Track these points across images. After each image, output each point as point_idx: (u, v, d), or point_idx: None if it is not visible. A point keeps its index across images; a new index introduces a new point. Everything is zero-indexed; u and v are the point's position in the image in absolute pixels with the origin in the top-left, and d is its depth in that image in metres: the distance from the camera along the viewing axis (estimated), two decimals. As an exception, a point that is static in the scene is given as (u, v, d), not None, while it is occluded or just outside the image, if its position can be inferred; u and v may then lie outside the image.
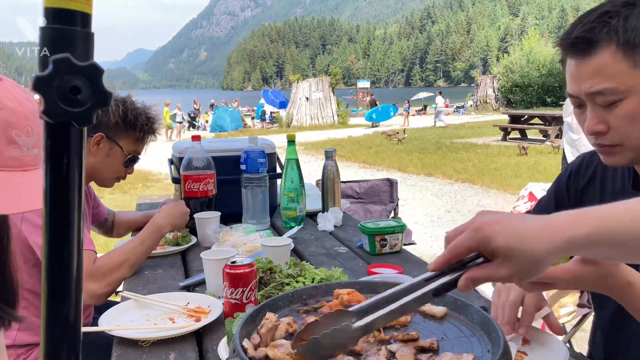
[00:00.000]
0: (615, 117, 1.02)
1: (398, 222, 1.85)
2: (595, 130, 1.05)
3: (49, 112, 0.35)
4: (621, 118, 1.02)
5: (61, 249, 0.38)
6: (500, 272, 0.70)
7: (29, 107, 0.87)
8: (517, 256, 0.69)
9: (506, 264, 0.69)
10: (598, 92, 1.01)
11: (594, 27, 1.00)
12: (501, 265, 0.70)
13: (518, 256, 0.69)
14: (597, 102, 1.03)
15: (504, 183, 8.65)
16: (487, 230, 0.70)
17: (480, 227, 0.71)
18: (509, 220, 0.71)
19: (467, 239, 0.72)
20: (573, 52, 1.04)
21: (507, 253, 0.69)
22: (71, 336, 0.39)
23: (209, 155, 2.04)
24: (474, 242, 0.71)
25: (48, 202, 0.37)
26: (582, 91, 1.04)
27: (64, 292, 0.38)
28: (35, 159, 0.87)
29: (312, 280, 1.32)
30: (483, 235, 0.70)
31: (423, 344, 0.77)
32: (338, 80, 26.74)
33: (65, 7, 0.35)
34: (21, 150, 0.83)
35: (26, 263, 1.57)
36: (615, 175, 1.21)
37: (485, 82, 33.40)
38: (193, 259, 1.79)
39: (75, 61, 0.35)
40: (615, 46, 0.99)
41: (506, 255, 0.69)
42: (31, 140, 0.85)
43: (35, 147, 0.86)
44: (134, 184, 9.84)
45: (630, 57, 0.98)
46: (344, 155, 12.41)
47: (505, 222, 0.70)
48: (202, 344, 1.18)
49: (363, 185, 4.25)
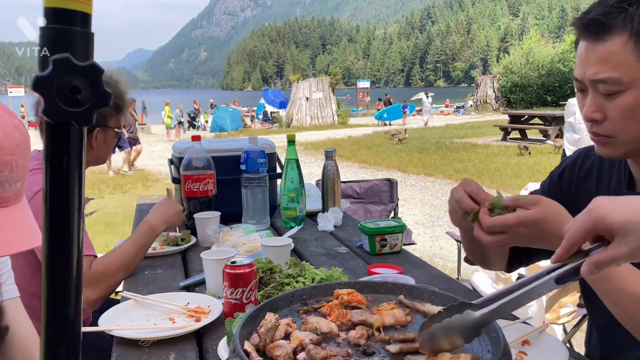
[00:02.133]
0: (613, 108, 1.02)
1: (398, 222, 1.85)
2: (592, 117, 1.05)
3: (49, 112, 0.35)
4: (619, 110, 1.01)
5: (61, 250, 0.38)
6: (621, 250, 0.70)
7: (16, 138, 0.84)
8: (635, 230, 0.69)
9: (625, 240, 0.70)
10: (601, 80, 1.00)
11: (611, 12, 0.99)
12: (621, 242, 0.70)
13: (636, 229, 0.69)
14: (598, 90, 1.02)
15: (504, 183, 8.65)
16: (601, 209, 0.71)
17: (595, 207, 0.72)
18: (622, 199, 0.72)
19: (583, 221, 0.72)
20: (585, 33, 1.02)
21: (624, 228, 0.69)
22: (71, 336, 0.39)
23: (209, 155, 2.04)
24: (590, 223, 0.72)
25: (48, 202, 0.37)
26: (586, 76, 1.03)
27: (64, 292, 0.38)
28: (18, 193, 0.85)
29: (312, 280, 1.32)
30: (598, 214, 0.71)
31: None
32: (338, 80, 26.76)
33: (65, 7, 0.35)
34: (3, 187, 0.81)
35: (29, 266, 1.57)
36: (611, 173, 1.20)
37: (485, 82, 33.39)
38: (193, 259, 1.78)
39: (75, 61, 0.35)
40: (628, 35, 0.97)
41: (624, 231, 0.69)
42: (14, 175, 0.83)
43: (18, 181, 0.84)
44: (134, 184, 9.84)
45: (639, 49, 0.97)
46: (344, 155, 12.41)
47: (618, 201, 0.72)
48: (202, 344, 1.18)
49: (363, 185, 4.25)
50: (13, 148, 0.83)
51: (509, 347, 0.73)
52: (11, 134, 0.84)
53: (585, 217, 0.72)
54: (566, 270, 0.72)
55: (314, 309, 0.91)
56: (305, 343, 0.76)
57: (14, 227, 0.81)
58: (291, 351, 0.74)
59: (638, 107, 1.00)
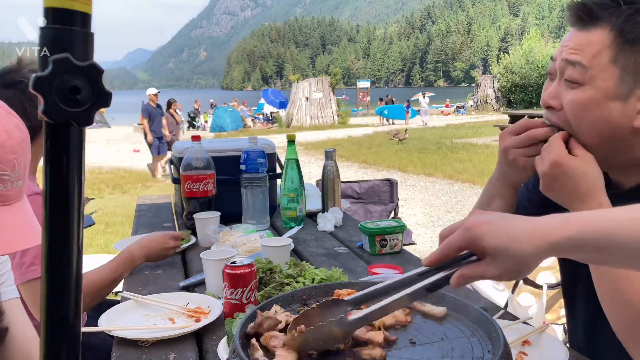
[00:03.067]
0: (570, 100, 1.02)
1: (398, 222, 1.85)
2: (548, 103, 1.06)
3: (49, 112, 0.35)
4: (572, 103, 1.01)
5: (61, 250, 0.38)
6: (490, 271, 0.72)
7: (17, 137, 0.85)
8: (504, 256, 0.70)
9: (495, 264, 0.71)
10: (571, 62, 1.00)
11: (604, 3, 0.98)
12: (491, 264, 0.72)
13: (505, 256, 0.70)
14: (564, 75, 1.02)
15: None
16: (477, 229, 0.72)
17: (471, 226, 0.73)
18: (499, 221, 0.73)
19: (459, 237, 0.74)
20: (574, 18, 1.02)
21: (495, 253, 0.71)
22: (71, 336, 0.39)
23: (209, 155, 2.04)
24: (464, 241, 0.73)
25: (48, 202, 0.37)
26: (562, 55, 1.03)
27: (64, 292, 0.38)
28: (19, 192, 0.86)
29: (312, 281, 1.32)
30: (473, 235, 0.72)
31: None
32: (338, 80, 26.76)
33: (65, 7, 0.35)
34: (5, 185, 0.82)
35: None
36: None
37: (486, 82, 33.37)
38: (193, 259, 1.78)
39: (75, 61, 0.35)
40: (609, 30, 0.97)
41: (495, 255, 0.71)
42: (16, 173, 0.84)
43: (20, 179, 0.85)
44: (134, 184, 9.85)
45: (615, 49, 0.97)
46: (344, 155, 12.41)
47: (494, 223, 0.72)
48: (202, 345, 1.18)
49: (363, 186, 4.26)
50: (15, 147, 0.83)
51: (509, 347, 0.73)
52: (12, 133, 0.84)
53: (461, 234, 0.74)
54: (438, 279, 0.75)
55: (313, 309, 0.91)
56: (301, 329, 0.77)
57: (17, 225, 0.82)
58: None
59: (588, 106, 1.00)
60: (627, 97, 0.98)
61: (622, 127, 0.99)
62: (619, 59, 0.96)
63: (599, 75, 0.98)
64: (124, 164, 12.43)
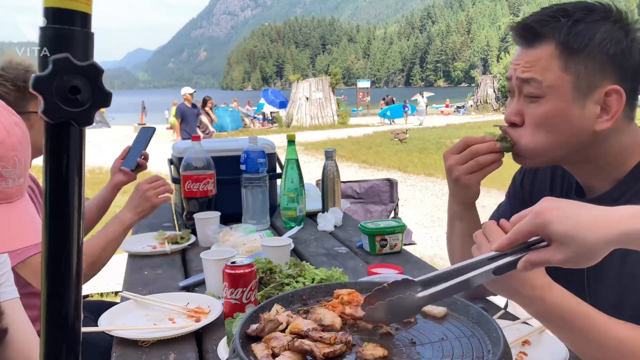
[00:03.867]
0: (529, 113, 1.06)
1: (398, 222, 1.85)
2: (510, 120, 1.10)
3: (49, 112, 0.35)
4: (533, 116, 1.06)
5: (61, 249, 0.38)
6: (556, 257, 0.73)
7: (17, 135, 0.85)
8: (571, 243, 0.72)
9: (562, 249, 0.73)
10: (526, 80, 1.04)
11: (544, 20, 1.04)
12: (558, 249, 0.73)
13: (573, 243, 0.72)
14: (522, 92, 1.06)
15: (504, 183, 8.59)
16: (546, 215, 0.74)
17: (541, 212, 0.75)
18: (569, 208, 0.74)
19: (527, 223, 0.76)
20: (518, 38, 1.07)
21: (563, 239, 0.72)
22: (71, 336, 0.39)
23: (209, 155, 2.04)
24: (533, 227, 0.75)
25: (48, 202, 0.37)
26: (515, 75, 1.07)
27: (64, 292, 0.38)
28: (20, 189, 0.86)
29: (312, 281, 1.32)
30: (542, 220, 0.74)
31: None
32: (338, 80, 26.78)
33: (65, 7, 0.35)
34: (7, 182, 0.82)
35: None
36: (563, 178, 1.23)
37: (486, 82, 33.37)
38: (193, 259, 1.78)
39: (75, 61, 0.35)
40: (555, 44, 1.02)
41: (562, 241, 0.73)
42: (17, 170, 0.84)
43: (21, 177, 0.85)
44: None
45: (563, 59, 1.01)
46: (344, 155, 12.41)
47: (564, 209, 0.74)
48: (202, 345, 1.18)
49: (363, 185, 4.26)
50: (15, 144, 0.84)
51: (509, 347, 0.73)
52: (12, 131, 0.84)
53: (530, 219, 0.76)
54: (504, 263, 0.77)
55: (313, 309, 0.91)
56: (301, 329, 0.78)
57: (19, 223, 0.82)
58: (286, 344, 0.75)
59: (550, 116, 1.04)
60: (584, 102, 1.02)
61: (584, 131, 1.03)
62: (569, 67, 1.01)
63: (555, 85, 1.02)
64: (124, 164, 12.42)
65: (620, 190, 1.06)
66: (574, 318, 0.86)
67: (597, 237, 0.71)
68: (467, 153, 1.17)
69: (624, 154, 1.06)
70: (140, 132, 2.07)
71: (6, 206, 0.82)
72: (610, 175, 1.08)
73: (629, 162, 1.06)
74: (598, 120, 1.02)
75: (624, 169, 1.06)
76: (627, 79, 1.02)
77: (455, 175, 1.18)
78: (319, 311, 0.85)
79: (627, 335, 0.86)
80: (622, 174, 1.06)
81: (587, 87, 1.01)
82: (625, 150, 1.06)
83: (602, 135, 1.03)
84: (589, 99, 1.02)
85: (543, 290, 0.86)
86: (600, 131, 1.03)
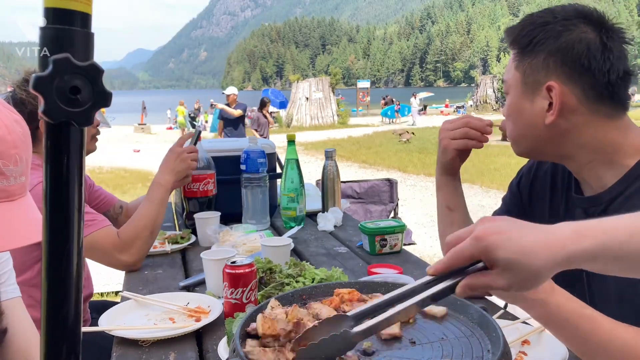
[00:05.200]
0: (504, 108, 1.21)
1: (398, 222, 1.85)
2: (503, 115, 1.23)
3: (49, 112, 0.35)
4: (505, 109, 1.20)
5: (61, 249, 0.38)
6: (498, 282, 0.70)
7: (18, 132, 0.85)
8: (516, 269, 0.69)
9: (505, 275, 0.69)
10: (502, 80, 1.22)
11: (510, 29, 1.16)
12: (500, 275, 0.70)
13: (518, 269, 0.68)
14: None
15: (504, 183, 8.65)
16: (488, 239, 0.70)
17: (481, 236, 0.70)
18: (510, 231, 0.70)
19: (468, 247, 0.71)
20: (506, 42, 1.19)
21: (507, 265, 0.69)
22: (71, 336, 0.39)
23: (209, 155, 2.04)
24: (476, 250, 0.71)
25: (48, 202, 0.37)
26: None
27: (64, 292, 0.38)
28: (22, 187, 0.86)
29: (312, 280, 1.32)
30: (484, 245, 0.70)
31: None
32: (338, 80, 26.82)
33: (65, 7, 0.35)
34: (8, 180, 0.82)
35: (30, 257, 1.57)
36: (563, 177, 1.24)
37: (485, 82, 33.35)
38: (193, 259, 1.78)
39: (75, 61, 0.35)
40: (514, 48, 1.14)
41: (506, 267, 0.69)
42: (19, 168, 0.84)
43: (22, 174, 0.85)
44: (134, 183, 9.85)
45: (517, 59, 1.13)
46: (344, 155, 12.41)
47: (506, 233, 0.70)
48: (202, 344, 1.18)
49: (363, 185, 4.26)
50: (16, 142, 0.84)
51: (508, 347, 0.73)
52: (13, 128, 0.84)
53: (471, 243, 0.71)
54: (442, 289, 0.73)
55: (313, 309, 0.91)
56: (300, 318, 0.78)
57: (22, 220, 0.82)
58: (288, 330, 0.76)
59: (510, 111, 1.17)
60: (532, 97, 1.11)
61: (537, 125, 1.11)
62: (519, 65, 1.12)
63: (511, 83, 1.15)
64: (124, 164, 12.43)
65: (617, 189, 1.06)
66: (577, 321, 0.85)
67: (542, 262, 0.68)
68: (460, 122, 1.36)
69: (616, 152, 1.06)
70: None
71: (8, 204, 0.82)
72: (607, 174, 1.08)
73: (625, 161, 1.06)
74: (547, 114, 1.09)
75: (622, 169, 1.06)
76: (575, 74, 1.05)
77: (441, 137, 1.38)
78: (315, 306, 0.85)
79: (631, 337, 0.85)
80: (620, 174, 1.06)
81: (533, 82, 1.10)
82: (613, 148, 1.07)
83: (559, 129, 1.09)
84: (537, 94, 1.09)
85: (546, 294, 0.85)
86: (550, 124, 1.08)
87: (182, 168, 1.84)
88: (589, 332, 0.86)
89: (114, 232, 1.64)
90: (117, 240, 1.62)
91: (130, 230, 1.66)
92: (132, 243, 1.64)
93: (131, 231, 1.66)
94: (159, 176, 1.81)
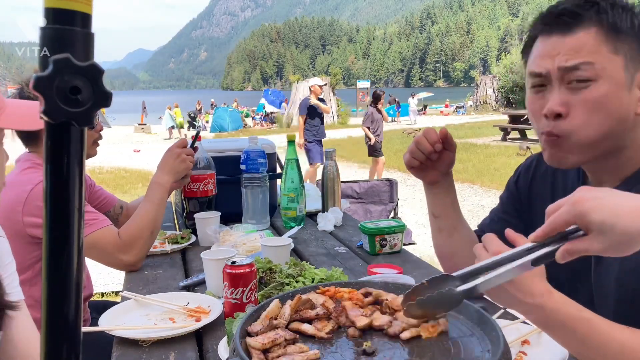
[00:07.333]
0: (579, 100, 0.99)
1: (398, 222, 1.85)
2: (556, 110, 1.00)
3: (49, 112, 0.35)
4: (585, 102, 0.99)
5: (61, 249, 0.38)
6: (594, 246, 0.73)
7: None
8: (610, 231, 0.71)
9: (600, 239, 0.72)
10: (574, 67, 0.98)
11: (582, 5, 1.00)
12: (596, 239, 0.73)
13: (611, 231, 0.71)
14: (565, 81, 1.00)
15: (503, 183, 8.55)
16: (584, 204, 0.73)
17: (578, 201, 0.74)
18: (606, 197, 0.74)
19: (565, 212, 0.75)
20: (556, 25, 1.01)
21: (600, 228, 0.72)
22: (71, 336, 0.39)
23: (209, 155, 2.04)
24: (571, 216, 0.75)
25: (48, 202, 0.37)
26: (555, 66, 1.00)
27: (64, 292, 0.38)
28: None
29: (312, 280, 1.32)
30: (579, 210, 0.73)
31: None
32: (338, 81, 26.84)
33: (65, 8, 0.35)
34: None
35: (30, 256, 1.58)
36: (566, 175, 1.20)
37: (485, 82, 33.34)
38: (193, 259, 1.78)
39: (75, 61, 0.35)
40: (598, 28, 0.98)
41: (600, 230, 0.72)
42: None
43: None
44: (134, 183, 9.84)
45: (611, 41, 0.97)
46: (344, 155, 12.41)
47: (602, 198, 0.73)
48: (202, 344, 1.18)
49: (363, 185, 4.26)
50: None
51: (508, 347, 0.73)
52: None
53: (568, 209, 0.75)
54: (543, 254, 0.77)
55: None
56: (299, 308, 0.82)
57: None
58: None
59: (605, 101, 0.98)
60: (630, 85, 0.99)
61: (629, 116, 0.99)
62: (618, 48, 0.97)
63: (608, 67, 0.97)
64: (124, 164, 12.43)
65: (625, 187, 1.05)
66: (575, 324, 0.86)
67: (634, 226, 0.70)
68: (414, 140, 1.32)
69: None
70: None
71: None
72: (622, 172, 1.06)
73: None
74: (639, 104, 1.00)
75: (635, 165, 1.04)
76: None
77: None
78: (310, 296, 0.88)
79: (627, 339, 0.86)
80: (631, 170, 1.05)
81: (633, 68, 0.98)
82: None
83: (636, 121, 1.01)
84: (634, 82, 0.99)
85: (543, 298, 0.85)
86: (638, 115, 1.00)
87: (181, 168, 1.84)
88: (586, 335, 0.86)
89: (115, 232, 1.64)
90: (117, 240, 1.62)
91: (131, 230, 1.66)
92: (132, 243, 1.64)
93: (131, 231, 1.66)
94: (158, 176, 1.81)
